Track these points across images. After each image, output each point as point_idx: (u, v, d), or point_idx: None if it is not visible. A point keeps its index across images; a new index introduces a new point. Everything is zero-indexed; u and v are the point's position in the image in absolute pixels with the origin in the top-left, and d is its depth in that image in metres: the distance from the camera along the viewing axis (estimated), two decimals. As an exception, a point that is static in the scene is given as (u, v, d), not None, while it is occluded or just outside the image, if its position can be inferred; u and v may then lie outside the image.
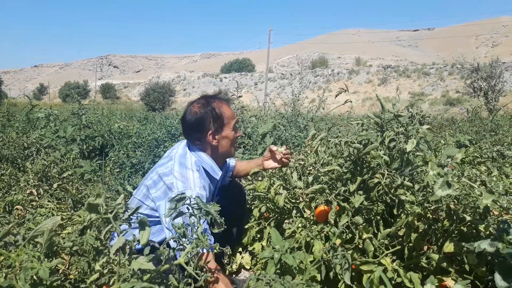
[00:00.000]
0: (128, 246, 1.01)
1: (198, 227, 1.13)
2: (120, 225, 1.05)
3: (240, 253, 2.26)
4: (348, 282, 1.40)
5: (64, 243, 1.12)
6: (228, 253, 1.27)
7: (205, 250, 1.33)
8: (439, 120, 10.29)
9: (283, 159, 2.07)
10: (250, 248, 2.19)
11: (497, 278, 1.06)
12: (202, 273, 1.11)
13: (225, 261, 2.01)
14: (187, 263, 1.09)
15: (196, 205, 1.17)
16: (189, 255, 1.09)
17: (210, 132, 1.80)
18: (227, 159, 2.13)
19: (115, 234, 1.28)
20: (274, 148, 2.06)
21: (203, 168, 1.80)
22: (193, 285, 1.11)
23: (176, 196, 1.17)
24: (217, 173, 1.85)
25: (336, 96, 2.32)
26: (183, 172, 1.71)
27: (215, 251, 1.20)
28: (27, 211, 2.11)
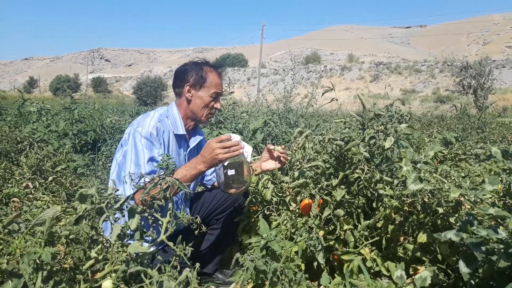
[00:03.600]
0: (122, 233, 1.09)
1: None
2: (114, 213, 1.13)
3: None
4: (322, 262, 1.50)
5: (61, 232, 1.19)
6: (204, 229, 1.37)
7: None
8: (428, 117, 10.47)
9: (281, 158, 2.02)
10: (239, 239, 2.28)
11: (461, 265, 1.16)
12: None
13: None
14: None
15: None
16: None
17: (188, 83, 1.92)
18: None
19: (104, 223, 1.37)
20: (271, 147, 2.01)
21: (170, 122, 1.92)
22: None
23: None
24: (178, 129, 1.92)
25: (323, 95, 2.41)
26: (143, 118, 1.87)
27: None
28: (24, 204, 2.18)
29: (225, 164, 1.69)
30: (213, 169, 1.88)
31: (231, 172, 1.71)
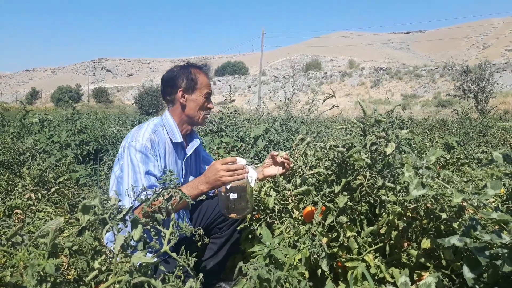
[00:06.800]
0: (125, 243, 1.09)
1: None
2: (118, 224, 1.13)
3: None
4: (326, 269, 1.49)
5: (64, 243, 1.19)
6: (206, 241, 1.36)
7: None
8: (430, 121, 10.47)
9: (284, 164, 2.03)
10: (242, 248, 2.28)
11: (465, 270, 1.16)
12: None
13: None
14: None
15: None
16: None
17: (181, 89, 1.89)
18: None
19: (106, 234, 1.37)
20: (275, 153, 2.04)
21: (166, 130, 1.89)
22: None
23: None
24: (176, 137, 1.90)
25: (324, 101, 2.42)
26: (137, 130, 1.83)
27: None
28: (26, 215, 2.18)
29: (228, 187, 1.68)
30: None
31: (233, 196, 1.69)
